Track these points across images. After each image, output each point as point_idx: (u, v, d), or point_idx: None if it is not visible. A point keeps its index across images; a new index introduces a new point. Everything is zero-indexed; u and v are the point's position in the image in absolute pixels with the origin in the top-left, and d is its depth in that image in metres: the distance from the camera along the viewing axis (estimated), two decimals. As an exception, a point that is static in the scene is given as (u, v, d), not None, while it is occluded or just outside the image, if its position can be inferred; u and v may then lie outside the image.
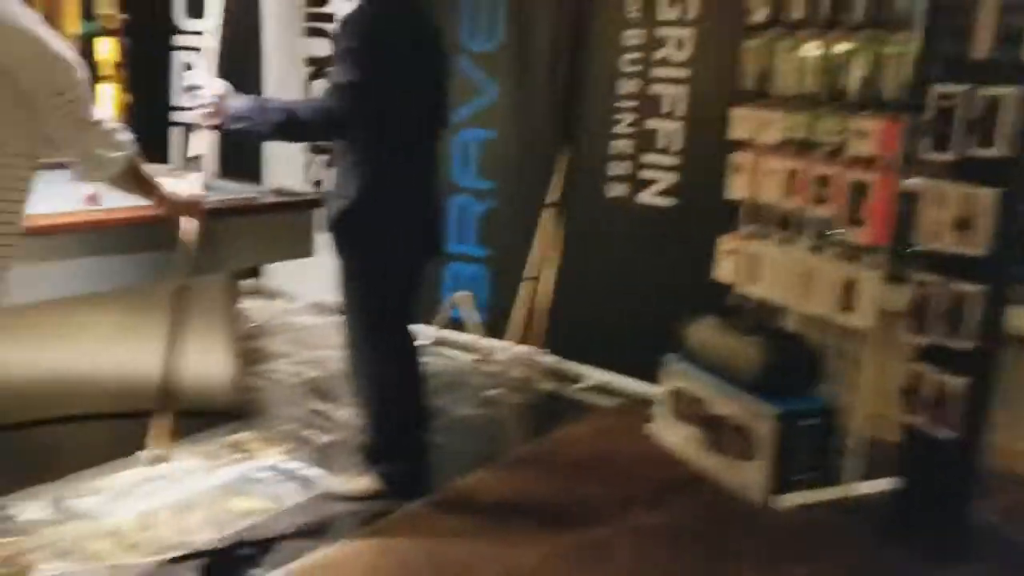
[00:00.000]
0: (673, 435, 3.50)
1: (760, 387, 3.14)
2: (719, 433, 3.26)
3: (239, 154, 5.05)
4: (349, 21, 2.74)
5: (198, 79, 2.78)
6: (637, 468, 3.38)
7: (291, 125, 2.68)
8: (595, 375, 4.17)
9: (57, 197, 3.01)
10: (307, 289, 5.01)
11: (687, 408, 3.43)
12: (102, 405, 3.34)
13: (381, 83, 2.65)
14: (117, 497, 2.84)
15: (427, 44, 2.88)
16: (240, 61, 5.03)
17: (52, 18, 6.46)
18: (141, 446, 3.12)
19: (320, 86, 4.75)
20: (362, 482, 2.95)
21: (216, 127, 2.75)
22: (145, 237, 2.84)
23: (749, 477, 3.13)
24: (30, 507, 2.73)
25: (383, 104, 2.66)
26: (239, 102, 2.70)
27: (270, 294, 5.16)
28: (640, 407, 3.84)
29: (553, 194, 4.14)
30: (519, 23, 4.20)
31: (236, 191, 3.45)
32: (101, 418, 3.33)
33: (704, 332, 3.45)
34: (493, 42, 4.28)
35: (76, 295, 2.89)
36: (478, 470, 3.24)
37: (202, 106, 2.71)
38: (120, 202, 2.97)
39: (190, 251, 2.73)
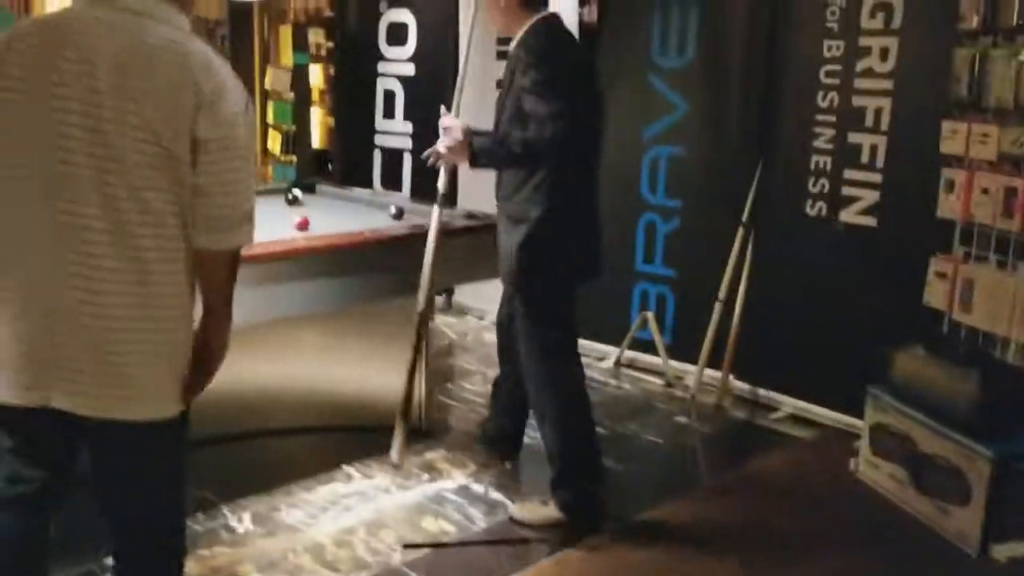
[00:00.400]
0: (875, 472, 3.29)
1: (975, 426, 2.89)
2: (927, 473, 3.03)
3: (434, 177, 5.23)
4: (532, 51, 2.80)
5: (446, 121, 2.92)
6: (835, 505, 3.20)
7: (520, 159, 2.82)
8: (790, 403, 3.99)
9: (270, 224, 3.25)
10: (495, 306, 5.09)
11: (892, 444, 3.21)
12: (310, 419, 3.54)
13: (571, 112, 2.71)
14: (318, 511, 2.99)
15: (591, 72, 3.03)
16: (436, 85, 5.22)
17: (271, 51, 6.98)
18: (343, 460, 3.32)
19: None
20: (547, 511, 2.96)
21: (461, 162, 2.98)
22: (352, 261, 3.03)
23: (961, 523, 2.88)
24: (243, 517, 2.92)
25: (573, 132, 2.73)
26: (480, 141, 2.86)
27: (460, 311, 5.29)
28: (839, 440, 3.64)
29: (746, 212, 4.00)
30: (711, 38, 4.10)
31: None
32: (309, 432, 3.53)
33: (912, 363, 3.22)
34: (683, 58, 4.19)
35: (290, 316, 3.11)
36: (668, 500, 3.17)
37: (450, 147, 2.90)
38: (328, 229, 3.18)
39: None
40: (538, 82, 2.73)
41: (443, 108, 3.03)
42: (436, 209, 3.13)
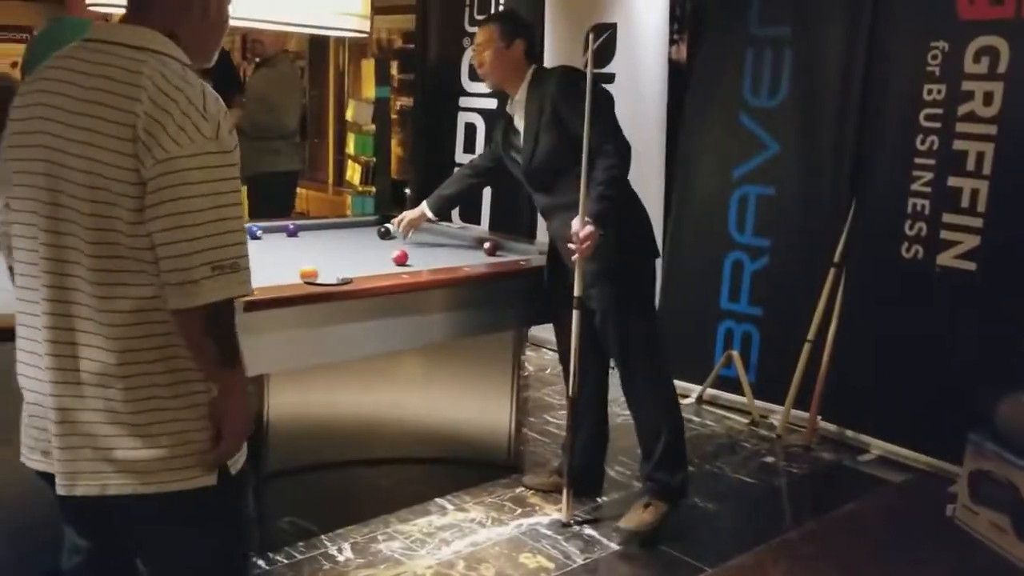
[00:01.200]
0: (974, 519, 3.22)
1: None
2: (1036, 525, 2.96)
3: (513, 213, 5.30)
4: (576, 82, 2.99)
5: (576, 226, 2.91)
6: (932, 552, 3.14)
7: (618, 190, 2.97)
8: (880, 446, 3.93)
9: (367, 258, 3.32)
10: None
11: (993, 491, 3.14)
12: (405, 451, 3.58)
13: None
14: (416, 544, 3.01)
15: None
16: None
17: (355, 84, 7.14)
18: (437, 493, 3.34)
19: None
20: (651, 511, 3.13)
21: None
22: (453, 297, 3.08)
23: (1074, 578, 2.81)
24: (342, 547, 2.96)
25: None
26: (595, 211, 2.89)
27: (537, 344, 5.31)
28: (933, 484, 3.57)
29: (838, 253, 3.97)
30: (805, 78, 4.09)
31: (522, 251, 3.61)
32: (403, 463, 3.56)
33: (1015, 409, 3.16)
34: (776, 98, 4.19)
35: (391, 351, 3.16)
36: (757, 546, 3.13)
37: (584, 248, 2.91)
38: (422, 263, 3.24)
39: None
40: (591, 110, 2.91)
41: (574, 224, 2.94)
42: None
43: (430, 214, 3.65)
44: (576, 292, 3.03)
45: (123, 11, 1.63)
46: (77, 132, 1.51)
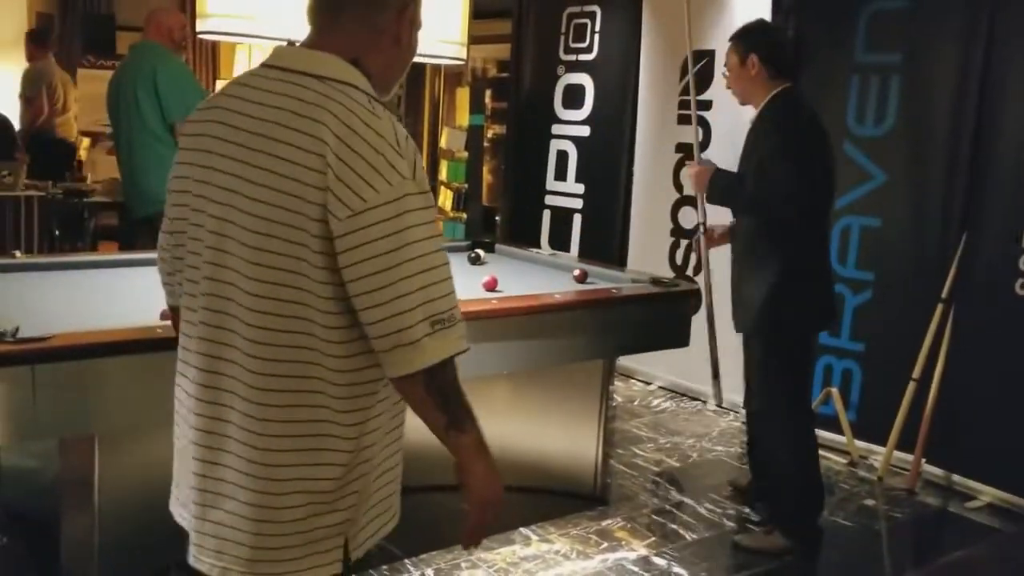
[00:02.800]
0: (1099, 578, 2.98)
1: None
2: None
3: (603, 240, 5.25)
4: (773, 119, 3.09)
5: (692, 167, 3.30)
6: (1053, 612, 2.92)
7: (751, 209, 3.12)
8: (989, 492, 3.71)
9: (459, 285, 3.30)
10: (660, 370, 5.02)
11: (1119, 548, 2.92)
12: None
13: (807, 175, 2.96)
14: (499, 573, 2.96)
15: (827, 139, 3.13)
16: (611, 148, 5.26)
17: (450, 112, 7.24)
18: (521, 522, 3.29)
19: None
20: (772, 539, 3.21)
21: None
22: (543, 324, 3.03)
23: None
24: (426, 573, 2.93)
25: (811, 193, 2.98)
26: (721, 176, 3.19)
27: (625, 374, 5.22)
28: (1053, 537, 3.35)
29: (946, 288, 3.79)
30: (914, 107, 3.94)
31: (613, 279, 3.56)
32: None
33: None
34: (883, 127, 4.05)
35: (480, 376, 3.13)
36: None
37: (696, 173, 3.25)
38: (512, 289, 3.21)
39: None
40: (777, 147, 2.97)
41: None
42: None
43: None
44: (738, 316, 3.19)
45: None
46: (251, 171, 1.33)
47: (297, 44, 1.46)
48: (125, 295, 2.92)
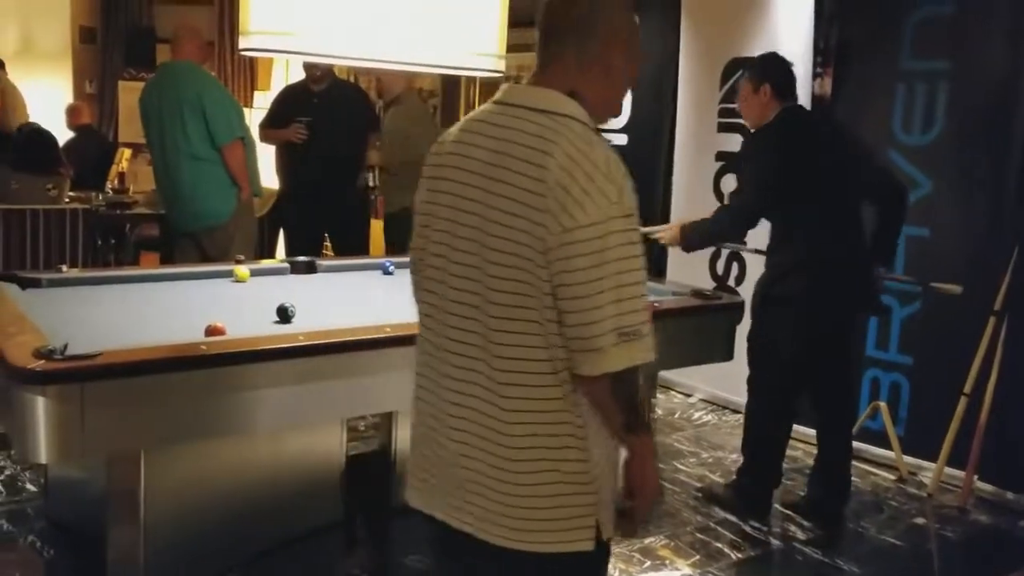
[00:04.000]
0: None
1: None
2: None
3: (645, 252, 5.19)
4: (756, 136, 3.50)
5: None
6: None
7: (718, 229, 3.56)
8: (1047, 511, 3.62)
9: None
10: (700, 382, 4.96)
11: None
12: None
13: (783, 188, 3.31)
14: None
15: (830, 146, 3.43)
16: (649, 156, 5.21)
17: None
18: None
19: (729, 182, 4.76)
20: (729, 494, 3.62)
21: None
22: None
23: None
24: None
25: (794, 196, 3.31)
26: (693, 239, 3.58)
27: (665, 386, 5.16)
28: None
29: (999, 300, 3.70)
30: (963, 113, 3.86)
31: (655, 291, 3.51)
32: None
33: None
34: (929, 134, 3.97)
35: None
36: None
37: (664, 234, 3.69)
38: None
39: None
40: (749, 161, 3.44)
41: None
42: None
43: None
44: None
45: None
46: (493, 198, 1.53)
47: (523, 82, 1.65)
48: (169, 310, 2.94)
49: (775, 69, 3.45)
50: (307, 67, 5.41)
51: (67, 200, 5.59)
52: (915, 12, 4.01)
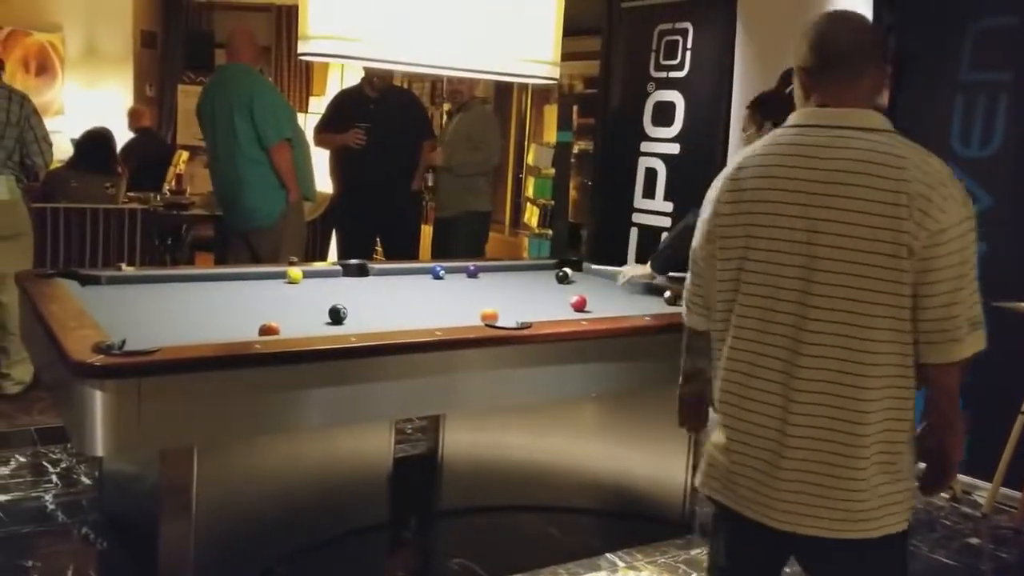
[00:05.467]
0: None
1: None
2: None
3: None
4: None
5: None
6: None
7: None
8: (1107, 534, 3.52)
9: (545, 303, 3.30)
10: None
11: None
12: (577, 500, 3.51)
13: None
14: (585, 598, 2.93)
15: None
16: (702, 166, 5.18)
17: (538, 128, 7.26)
18: (607, 547, 3.24)
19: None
20: None
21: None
22: (634, 346, 2.99)
23: None
24: (511, 595, 2.92)
25: None
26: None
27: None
28: None
29: (1058, 318, 3.61)
30: (1022, 125, 3.78)
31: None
32: (575, 512, 3.49)
33: None
34: (989, 148, 3.89)
35: (568, 398, 3.12)
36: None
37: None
38: (600, 310, 3.17)
39: None
40: None
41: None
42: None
43: (659, 278, 3.61)
44: None
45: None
46: (835, 212, 1.68)
47: (820, 107, 1.78)
48: (224, 309, 3.00)
49: (778, 108, 3.40)
50: (367, 72, 5.48)
51: (125, 200, 5.73)
52: (977, 22, 3.93)
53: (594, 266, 4.11)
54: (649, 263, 3.58)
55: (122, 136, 6.84)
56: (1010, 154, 3.83)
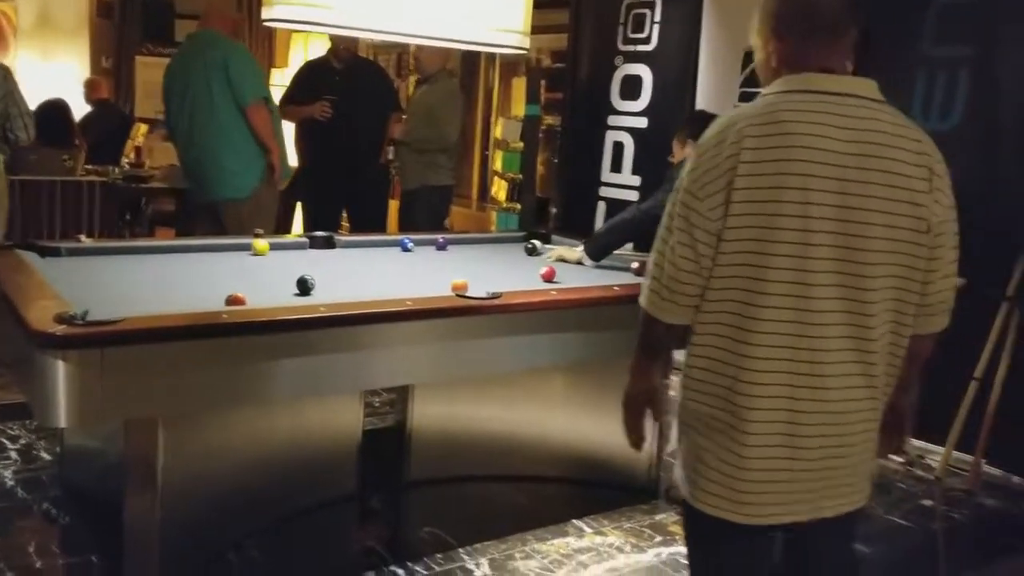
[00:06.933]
0: None
1: None
2: None
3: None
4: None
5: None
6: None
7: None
8: (1055, 496, 3.63)
9: (516, 274, 3.31)
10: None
11: None
12: (544, 469, 3.54)
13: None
14: (553, 564, 2.96)
15: None
16: (669, 140, 5.20)
17: (505, 102, 7.22)
18: (574, 514, 3.28)
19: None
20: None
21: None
22: (604, 316, 3.01)
23: None
24: (480, 562, 2.94)
25: None
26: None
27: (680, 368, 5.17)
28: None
29: (1011, 286, 3.70)
30: (984, 100, 3.85)
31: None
32: (542, 481, 3.52)
33: None
34: (948, 122, 3.96)
35: (537, 367, 3.13)
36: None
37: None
38: (575, 283, 3.19)
39: None
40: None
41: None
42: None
43: (588, 262, 3.57)
44: None
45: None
46: (864, 186, 1.62)
47: (821, 73, 1.69)
48: (188, 281, 2.97)
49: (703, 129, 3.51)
50: (334, 41, 5.41)
51: (83, 173, 5.63)
52: (939, -3, 3.99)
53: (557, 238, 4.13)
54: (583, 247, 3.56)
55: (79, 108, 6.70)
56: (969, 129, 3.90)
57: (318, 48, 5.93)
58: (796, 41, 1.71)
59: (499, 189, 6.27)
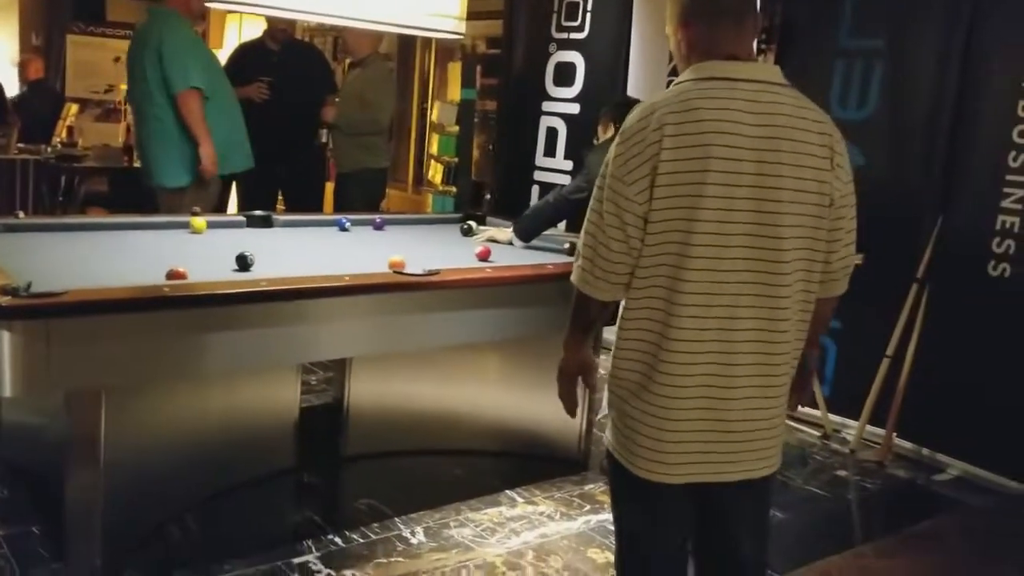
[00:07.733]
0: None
1: None
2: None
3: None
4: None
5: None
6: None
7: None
8: (958, 466, 3.88)
9: (453, 253, 3.41)
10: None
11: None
12: (478, 442, 3.66)
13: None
14: (486, 532, 3.08)
15: None
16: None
17: (441, 87, 7.29)
18: (507, 485, 3.41)
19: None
20: None
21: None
22: (537, 293, 3.14)
23: None
24: (415, 530, 3.05)
25: None
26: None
27: (608, 347, 5.33)
28: (1016, 507, 3.50)
29: (921, 268, 3.93)
30: (896, 90, 4.06)
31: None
32: (476, 454, 3.64)
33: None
34: (864, 111, 4.17)
35: (473, 343, 3.23)
36: (830, 553, 3.12)
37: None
38: (510, 261, 3.31)
39: None
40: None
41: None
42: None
43: (517, 243, 3.66)
44: None
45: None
46: (776, 166, 1.72)
47: (727, 61, 1.79)
48: (128, 256, 3.00)
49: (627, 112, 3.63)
50: (270, 23, 5.40)
51: (16, 151, 5.55)
52: (855, -8, 4.18)
53: (492, 219, 4.24)
54: (512, 228, 3.66)
55: (10, 86, 6.57)
56: (882, 118, 4.11)
57: (254, 30, 5.90)
58: (703, 28, 1.81)
59: (435, 172, 6.34)
